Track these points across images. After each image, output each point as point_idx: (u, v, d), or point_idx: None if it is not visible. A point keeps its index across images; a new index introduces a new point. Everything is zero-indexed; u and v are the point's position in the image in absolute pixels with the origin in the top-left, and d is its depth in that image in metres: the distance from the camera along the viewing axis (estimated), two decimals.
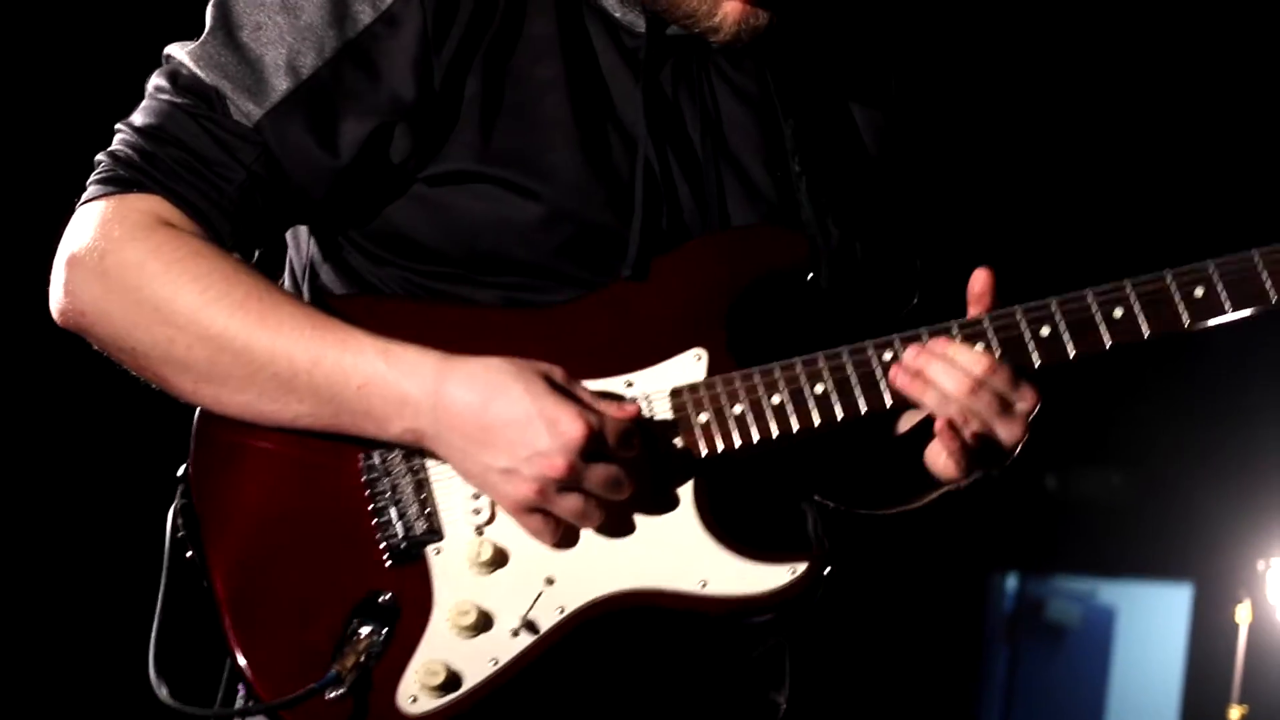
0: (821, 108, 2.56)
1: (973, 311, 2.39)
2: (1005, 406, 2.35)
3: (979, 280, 2.40)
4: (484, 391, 2.27)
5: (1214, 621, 5.26)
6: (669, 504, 2.34)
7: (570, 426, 2.24)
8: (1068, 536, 5.08)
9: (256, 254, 2.46)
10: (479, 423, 2.27)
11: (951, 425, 2.34)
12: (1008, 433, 2.37)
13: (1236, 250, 2.41)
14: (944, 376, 2.33)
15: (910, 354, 2.35)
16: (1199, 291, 2.36)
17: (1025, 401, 2.36)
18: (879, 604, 5.04)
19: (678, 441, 2.35)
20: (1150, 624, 6.07)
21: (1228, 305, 2.36)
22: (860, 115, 2.61)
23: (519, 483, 2.27)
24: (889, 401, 2.37)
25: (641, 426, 2.32)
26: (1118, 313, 2.36)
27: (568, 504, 2.28)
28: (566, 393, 2.28)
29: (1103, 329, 2.36)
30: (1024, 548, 5.17)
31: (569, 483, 2.26)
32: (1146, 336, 2.37)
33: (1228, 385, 4.64)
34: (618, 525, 2.32)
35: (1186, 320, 2.36)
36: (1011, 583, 5.32)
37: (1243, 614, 5.47)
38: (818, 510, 2.52)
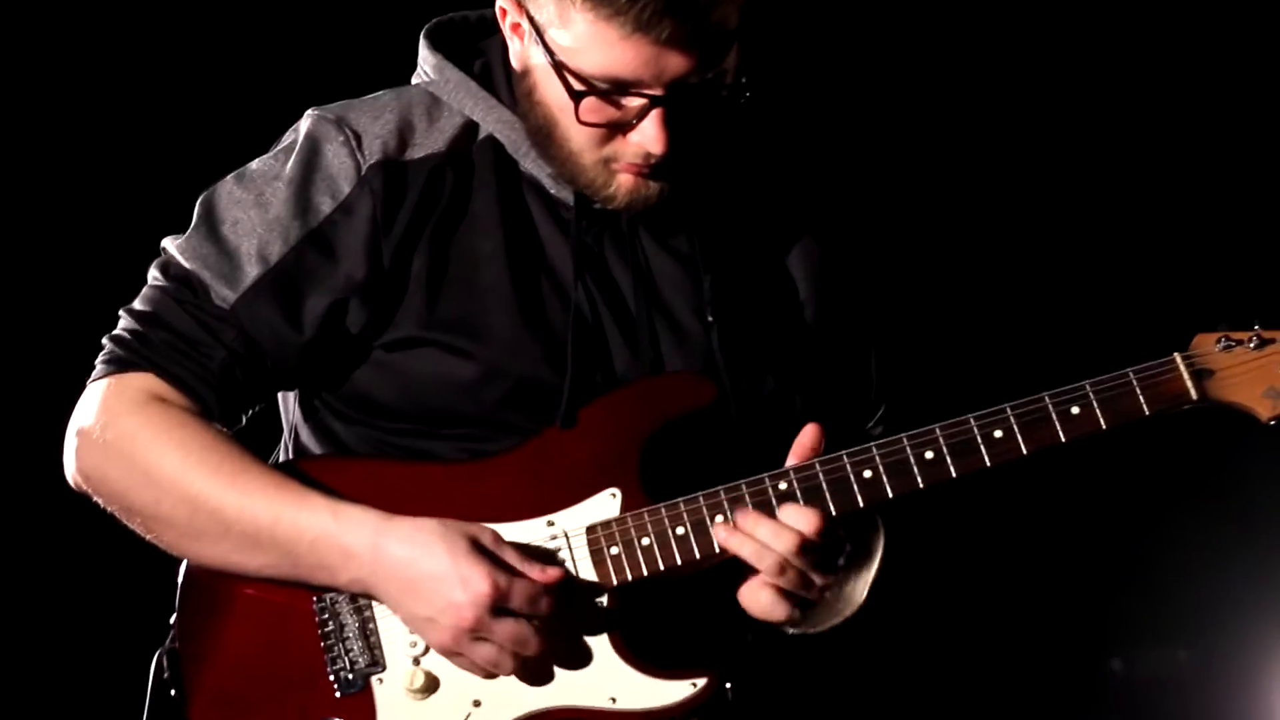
0: (742, 257, 2.79)
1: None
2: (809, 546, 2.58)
3: (806, 434, 2.64)
4: (414, 549, 2.55)
5: None
6: (585, 629, 2.60)
7: (480, 584, 2.52)
8: (1144, 718, 5.08)
9: (244, 420, 2.77)
10: (406, 576, 2.56)
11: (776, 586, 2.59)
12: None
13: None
14: (759, 528, 2.57)
15: (737, 517, 2.59)
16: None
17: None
18: None
19: (593, 573, 2.61)
20: None
21: (890, 490, 2.59)
22: (790, 256, 2.83)
23: (438, 630, 2.56)
24: None
25: (559, 561, 2.60)
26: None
27: (480, 652, 2.56)
28: (489, 554, 2.55)
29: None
30: None
31: (479, 634, 2.54)
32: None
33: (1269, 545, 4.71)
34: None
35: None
36: None
37: None
38: (741, 623, 2.70)
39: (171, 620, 2.68)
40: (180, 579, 2.68)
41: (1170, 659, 4.88)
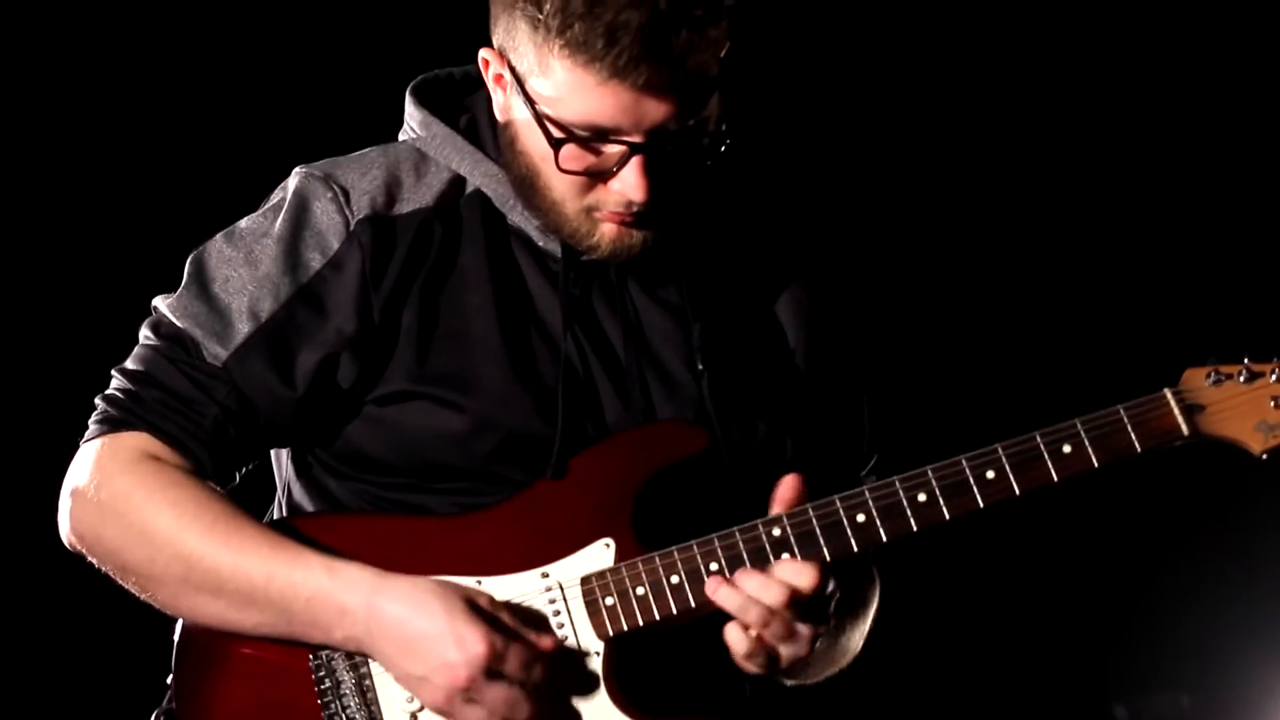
0: (731, 305, 2.80)
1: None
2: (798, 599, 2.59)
3: (785, 486, 2.64)
4: (409, 607, 2.55)
5: None
6: (582, 680, 2.59)
7: (476, 645, 2.51)
8: None
9: (238, 478, 2.77)
10: (401, 634, 2.55)
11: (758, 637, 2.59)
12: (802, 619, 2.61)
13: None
14: (747, 581, 2.58)
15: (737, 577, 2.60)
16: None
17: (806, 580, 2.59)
18: None
19: (588, 624, 2.60)
20: None
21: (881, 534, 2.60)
22: (779, 303, 2.84)
23: (431, 689, 2.55)
24: None
25: (555, 615, 2.60)
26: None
27: (472, 714, 2.54)
28: (486, 615, 2.55)
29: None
30: None
31: (471, 695, 2.53)
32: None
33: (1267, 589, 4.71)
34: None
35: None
36: None
37: None
38: (738, 671, 2.69)
39: (168, 680, 2.68)
40: (176, 639, 2.67)
41: (1173, 704, 4.86)
